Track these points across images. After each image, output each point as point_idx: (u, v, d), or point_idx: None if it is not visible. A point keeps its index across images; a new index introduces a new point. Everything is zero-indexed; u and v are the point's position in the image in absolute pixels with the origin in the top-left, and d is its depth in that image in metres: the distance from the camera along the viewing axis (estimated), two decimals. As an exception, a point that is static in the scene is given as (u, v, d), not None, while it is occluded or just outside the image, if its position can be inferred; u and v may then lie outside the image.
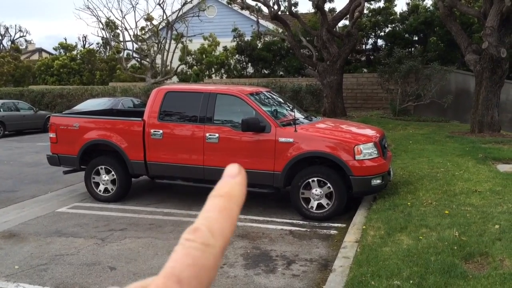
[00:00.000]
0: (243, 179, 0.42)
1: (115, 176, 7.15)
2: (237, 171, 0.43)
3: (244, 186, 0.42)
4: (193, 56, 23.62)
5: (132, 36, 23.35)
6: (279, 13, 16.82)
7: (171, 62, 22.46)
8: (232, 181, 0.42)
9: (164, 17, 23.07)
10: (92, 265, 4.79)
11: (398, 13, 21.35)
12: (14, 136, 17.05)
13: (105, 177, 7.20)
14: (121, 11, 39.20)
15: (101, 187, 7.24)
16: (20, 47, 37.02)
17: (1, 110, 17.15)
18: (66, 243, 5.46)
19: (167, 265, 0.37)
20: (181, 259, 0.37)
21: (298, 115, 6.94)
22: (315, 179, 6.16)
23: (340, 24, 19.40)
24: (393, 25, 21.18)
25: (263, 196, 7.23)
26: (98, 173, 7.23)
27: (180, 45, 22.83)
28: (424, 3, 21.23)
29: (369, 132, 6.87)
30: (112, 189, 7.20)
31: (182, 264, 0.36)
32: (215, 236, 0.39)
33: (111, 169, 7.17)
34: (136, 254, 5.07)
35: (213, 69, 23.25)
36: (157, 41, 22.91)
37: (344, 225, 5.90)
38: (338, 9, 18.69)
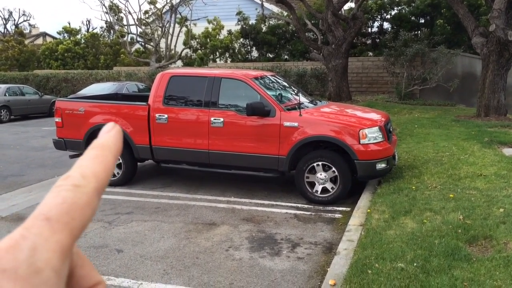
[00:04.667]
0: (117, 132, 0.44)
1: (120, 161, 7.19)
2: (111, 126, 0.44)
3: (118, 138, 0.44)
4: (197, 40, 23.48)
5: (135, 20, 23.19)
6: (284, -5, 16.63)
7: (175, 46, 22.34)
8: (105, 135, 0.43)
9: (168, 0, 22.87)
10: (99, 247, 4.86)
11: (404, -5, 21.07)
12: (19, 121, 17.13)
13: (111, 161, 7.24)
14: (125, -6, 38.91)
15: (107, 171, 7.28)
16: (24, 31, 36.91)
17: (7, 94, 17.19)
18: (74, 226, 5.52)
19: (37, 208, 0.37)
20: (50, 200, 0.37)
21: (303, 99, 6.92)
22: (320, 163, 6.17)
23: (346, 6, 19.17)
24: (399, 7, 20.92)
25: (268, 180, 7.27)
26: (104, 158, 7.26)
27: (184, 29, 22.68)
28: (431, -15, 20.92)
29: (374, 116, 6.85)
30: (118, 173, 7.25)
31: (51, 204, 0.37)
32: (86, 178, 0.39)
33: (116, 154, 7.20)
34: (143, 237, 5.13)
35: (217, 53, 23.13)
36: (161, 25, 22.77)
37: (349, 208, 5.94)
38: (343, -8, 18.43)
